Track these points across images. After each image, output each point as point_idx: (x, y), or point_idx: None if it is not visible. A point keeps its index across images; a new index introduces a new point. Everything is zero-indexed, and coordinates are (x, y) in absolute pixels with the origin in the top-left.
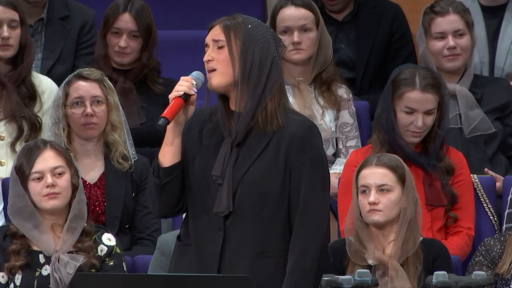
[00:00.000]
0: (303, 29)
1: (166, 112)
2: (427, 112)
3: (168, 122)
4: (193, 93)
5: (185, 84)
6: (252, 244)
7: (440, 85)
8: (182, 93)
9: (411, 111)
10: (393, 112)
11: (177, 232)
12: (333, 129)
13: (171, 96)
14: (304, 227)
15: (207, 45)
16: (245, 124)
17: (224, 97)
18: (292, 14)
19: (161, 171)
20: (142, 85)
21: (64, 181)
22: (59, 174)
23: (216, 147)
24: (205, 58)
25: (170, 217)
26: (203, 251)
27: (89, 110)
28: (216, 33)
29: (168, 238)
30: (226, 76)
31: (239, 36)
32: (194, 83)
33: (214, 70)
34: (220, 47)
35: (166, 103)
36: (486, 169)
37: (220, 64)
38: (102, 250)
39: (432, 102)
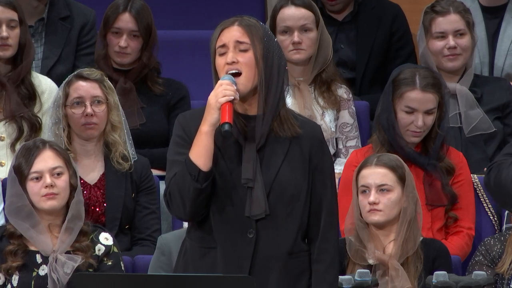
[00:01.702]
0: (303, 29)
1: (226, 118)
2: (427, 112)
3: (232, 126)
4: (238, 97)
5: (230, 89)
6: (283, 245)
7: (440, 84)
8: (233, 97)
9: (411, 111)
10: (394, 112)
11: (177, 232)
12: (333, 129)
13: (221, 100)
14: (329, 241)
15: (224, 46)
16: (267, 129)
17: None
18: (292, 14)
19: (201, 175)
20: (142, 86)
21: (62, 182)
22: (58, 174)
23: (232, 151)
24: (229, 60)
25: (195, 220)
26: (233, 254)
27: (89, 110)
28: (237, 34)
29: (168, 238)
30: (251, 80)
31: (259, 38)
32: (235, 87)
33: (239, 73)
34: (244, 50)
35: (166, 103)
36: (486, 169)
37: (245, 67)
38: (99, 249)
39: (433, 101)
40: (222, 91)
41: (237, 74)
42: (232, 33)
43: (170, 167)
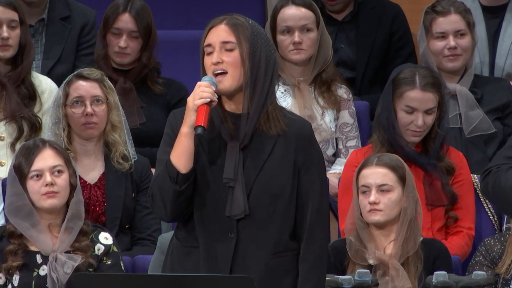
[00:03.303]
0: (304, 29)
1: (200, 121)
2: (427, 111)
3: (205, 130)
4: (216, 99)
5: (208, 91)
6: (265, 245)
7: (440, 84)
8: (209, 99)
9: (411, 110)
10: (393, 111)
11: None
12: (333, 129)
13: (197, 102)
14: (315, 240)
15: (210, 45)
16: (252, 127)
17: (219, 99)
18: (293, 14)
19: (180, 177)
20: (142, 85)
21: (62, 180)
22: (58, 172)
23: (218, 149)
24: (214, 60)
25: (177, 221)
26: (214, 253)
27: (89, 109)
28: (223, 34)
29: (168, 237)
30: (237, 79)
31: (246, 37)
32: (214, 88)
33: (224, 73)
34: (230, 50)
35: (166, 103)
36: (482, 175)
37: (230, 66)
38: (99, 249)
39: (432, 101)
40: (200, 93)
41: (222, 74)
42: (218, 33)
43: (157, 165)
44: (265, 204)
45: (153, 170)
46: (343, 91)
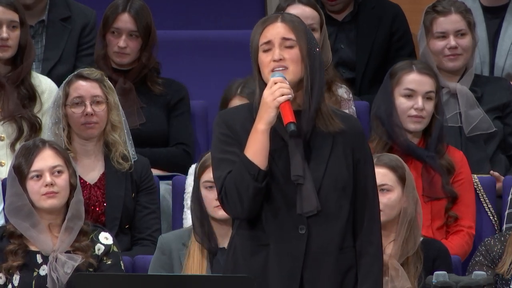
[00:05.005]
0: (310, 28)
1: (290, 117)
2: (426, 96)
3: (296, 126)
4: (293, 94)
5: (287, 86)
6: (334, 241)
7: (436, 74)
8: (291, 96)
9: (410, 93)
10: (393, 102)
11: (177, 231)
12: None
13: (281, 99)
14: (373, 233)
15: (269, 42)
16: (312, 123)
17: None
18: (300, 12)
19: (261, 173)
20: (142, 86)
21: (62, 180)
22: (58, 172)
23: (276, 146)
24: (276, 57)
25: (249, 218)
26: (285, 251)
27: (89, 109)
28: (283, 31)
29: (168, 237)
30: (297, 76)
31: (304, 35)
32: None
33: (285, 68)
34: (290, 46)
35: (166, 103)
36: (491, 172)
37: (291, 63)
38: (99, 249)
39: (430, 85)
40: (280, 90)
41: (283, 71)
42: (277, 30)
43: (218, 165)
44: (333, 200)
45: (153, 171)
46: (343, 91)
